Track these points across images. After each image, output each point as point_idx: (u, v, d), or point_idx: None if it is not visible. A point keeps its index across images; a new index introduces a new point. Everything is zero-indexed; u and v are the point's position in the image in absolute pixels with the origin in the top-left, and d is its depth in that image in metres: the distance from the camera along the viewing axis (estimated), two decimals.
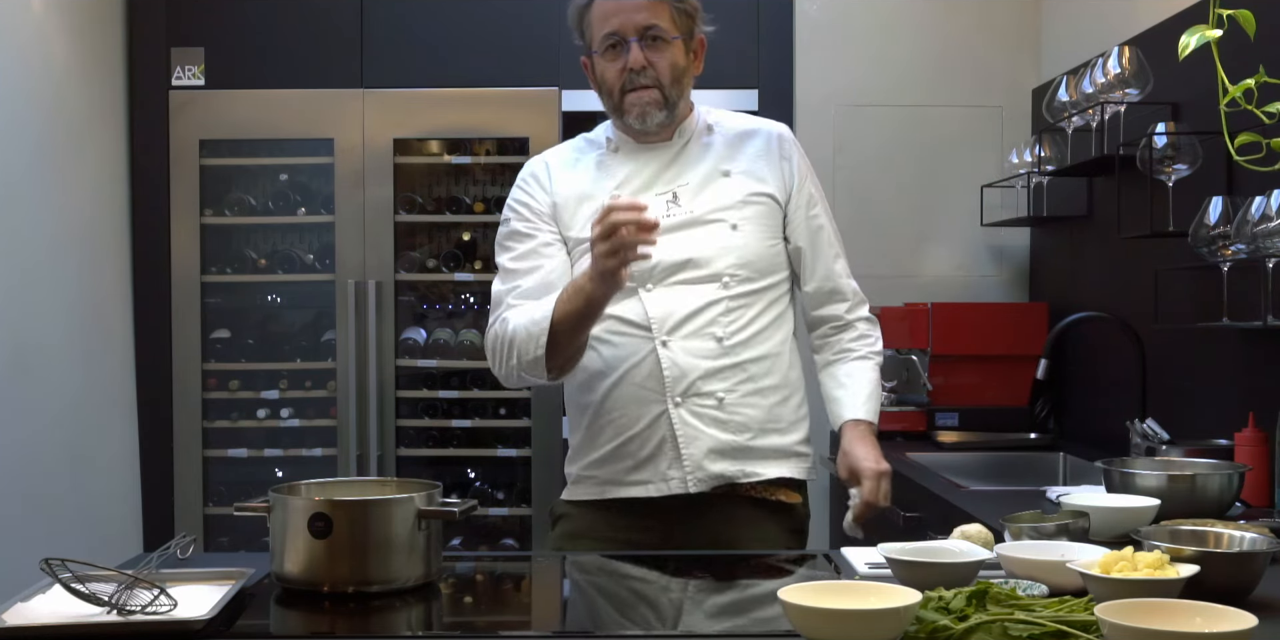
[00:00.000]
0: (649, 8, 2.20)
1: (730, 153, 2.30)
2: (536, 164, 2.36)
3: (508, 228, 2.32)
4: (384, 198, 4.31)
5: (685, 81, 2.26)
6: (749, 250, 2.25)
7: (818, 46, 4.33)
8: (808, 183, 2.34)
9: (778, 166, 2.30)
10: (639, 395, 2.20)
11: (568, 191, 2.29)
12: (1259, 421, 2.53)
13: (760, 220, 2.27)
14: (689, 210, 2.24)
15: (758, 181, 2.28)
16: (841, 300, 2.37)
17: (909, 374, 4.16)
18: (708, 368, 2.20)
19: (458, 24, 4.34)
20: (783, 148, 2.32)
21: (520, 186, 2.35)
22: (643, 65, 2.19)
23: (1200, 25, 1.93)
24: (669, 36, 2.21)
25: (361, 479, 2.09)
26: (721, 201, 2.25)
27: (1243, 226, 2.46)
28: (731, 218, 2.24)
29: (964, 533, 1.86)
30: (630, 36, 2.19)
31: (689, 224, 2.24)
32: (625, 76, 2.21)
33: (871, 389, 2.35)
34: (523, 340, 2.13)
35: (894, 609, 1.38)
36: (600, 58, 2.24)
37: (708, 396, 2.20)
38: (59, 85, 3.88)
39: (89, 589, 1.57)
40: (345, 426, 4.30)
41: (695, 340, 2.20)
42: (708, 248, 2.22)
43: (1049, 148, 3.71)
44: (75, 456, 3.89)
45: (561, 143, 2.45)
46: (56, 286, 3.82)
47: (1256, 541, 1.67)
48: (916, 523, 3.05)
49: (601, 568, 2.05)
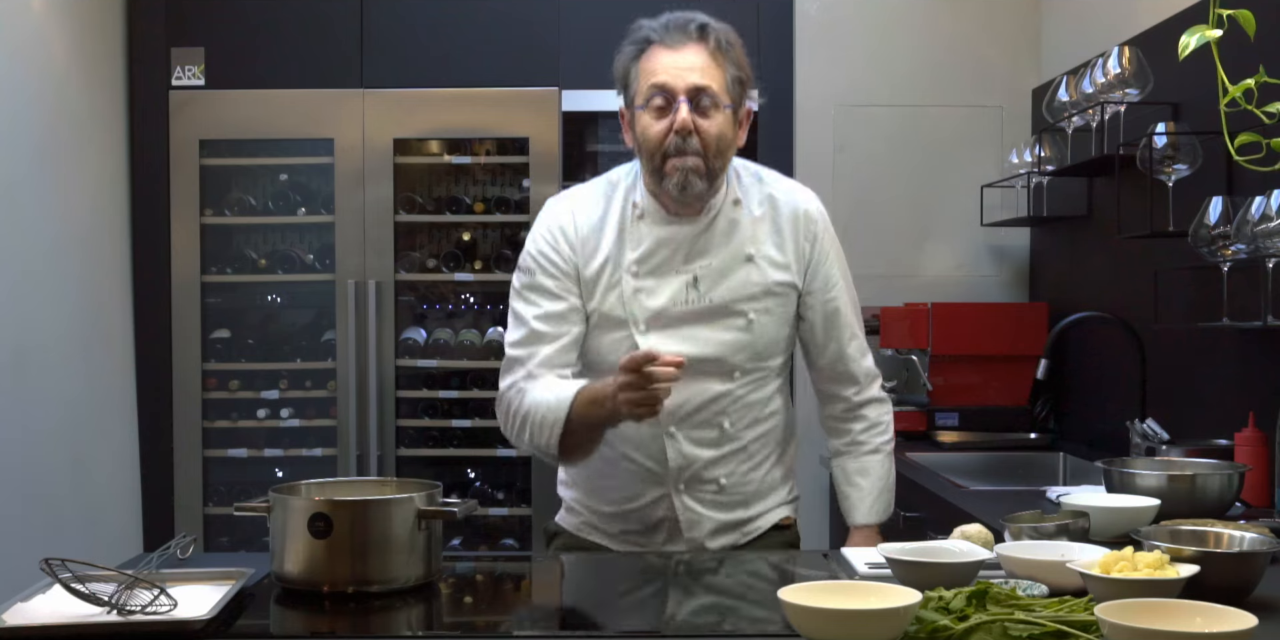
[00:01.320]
0: (705, 69, 2.08)
1: (755, 233, 2.18)
2: (564, 217, 2.21)
3: (532, 279, 2.19)
4: (384, 198, 4.31)
5: (729, 155, 2.14)
6: (762, 342, 2.18)
7: (818, 46, 4.33)
8: (828, 264, 2.23)
9: (801, 249, 2.21)
10: (642, 475, 2.18)
11: (590, 259, 2.17)
12: (1259, 421, 2.53)
13: (777, 310, 2.19)
14: (708, 298, 2.14)
15: (779, 269, 2.19)
16: (851, 383, 2.29)
17: (909, 374, 4.16)
18: (712, 456, 2.19)
19: (458, 24, 4.34)
20: (808, 228, 2.21)
21: (546, 240, 2.19)
22: (690, 129, 2.06)
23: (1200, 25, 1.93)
24: (721, 104, 2.09)
25: (361, 479, 2.09)
26: (741, 292, 2.16)
27: (1243, 226, 2.46)
28: (750, 309, 2.16)
29: (964, 533, 1.86)
30: (681, 96, 2.07)
31: (706, 315, 2.15)
32: (670, 139, 2.07)
33: (882, 485, 2.30)
34: (536, 423, 2.07)
35: (894, 609, 1.38)
36: (643, 112, 2.10)
37: (710, 482, 2.20)
38: (59, 85, 3.88)
39: (89, 589, 1.57)
40: (345, 426, 4.30)
41: (702, 430, 2.18)
42: (722, 343, 2.16)
43: (1049, 148, 3.71)
44: (75, 456, 3.89)
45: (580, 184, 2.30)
46: (56, 286, 3.82)
47: (1256, 541, 1.67)
48: (916, 523, 3.05)
49: (601, 568, 2.05)
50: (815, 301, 2.22)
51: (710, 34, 2.10)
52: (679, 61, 2.08)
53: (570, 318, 2.16)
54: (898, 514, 3.09)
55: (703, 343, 2.14)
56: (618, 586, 1.95)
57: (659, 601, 1.87)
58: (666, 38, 2.10)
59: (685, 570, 2.02)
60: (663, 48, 2.10)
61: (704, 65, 2.08)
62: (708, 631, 1.65)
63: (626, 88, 2.15)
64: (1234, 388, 2.85)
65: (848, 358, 2.27)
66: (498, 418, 2.18)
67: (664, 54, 2.09)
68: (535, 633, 1.72)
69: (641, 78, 2.11)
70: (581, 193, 2.25)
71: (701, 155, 2.08)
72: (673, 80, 2.07)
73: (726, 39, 2.12)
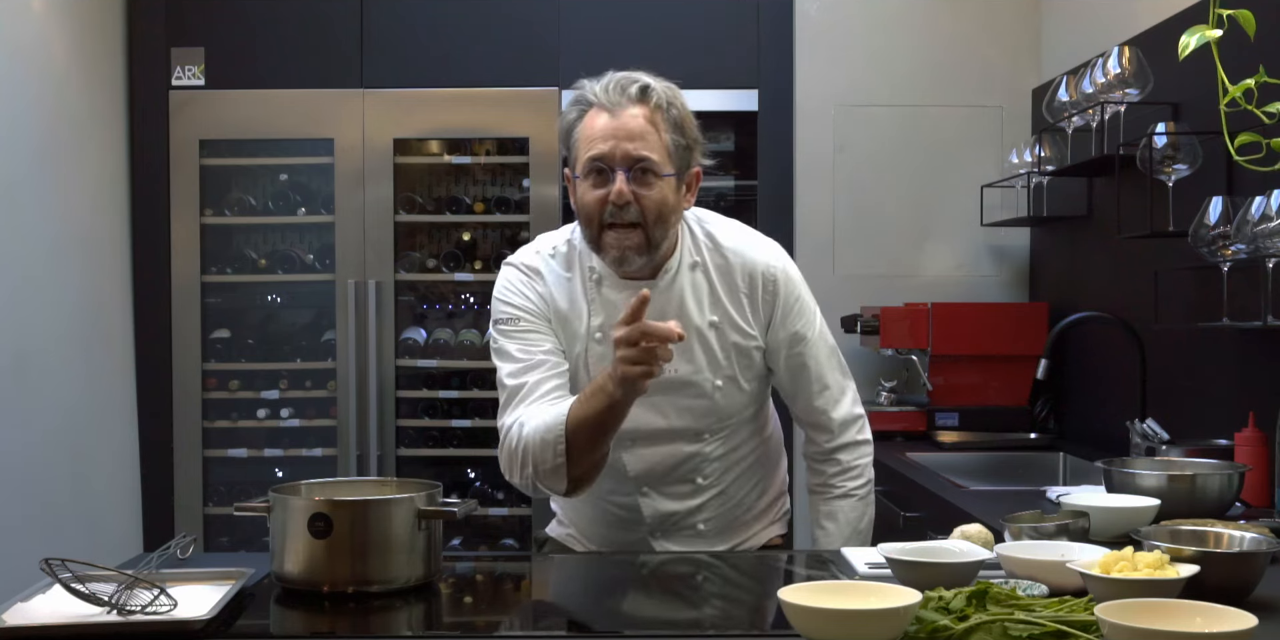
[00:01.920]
0: (644, 137, 1.99)
1: (715, 298, 2.11)
2: (529, 271, 2.14)
3: (515, 326, 2.11)
4: (384, 198, 4.31)
5: (672, 220, 2.05)
6: (730, 407, 2.14)
7: (818, 46, 4.32)
8: (791, 320, 2.15)
9: (762, 310, 2.13)
10: (620, 521, 2.18)
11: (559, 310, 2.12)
12: (1259, 421, 2.53)
13: (744, 372, 2.14)
14: (673, 369, 2.05)
15: (742, 335, 2.12)
16: (824, 431, 2.23)
17: (909, 374, 4.16)
18: (690, 506, 2.17)
19: (458, 24, 4.34)
20: (766, 287, 2.13)
21: (518, 293, 2.12)
22: (627, 200, 1.98)
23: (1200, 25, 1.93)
24: (661, 172, 2.00)
25: (361, 479, 2.09)
26: (704, 360, 2.10)
27: (1243, 226, 2.46)
28: (715, 377, 2.11)
29: (964, 533, 1.86)
30: (618, 166, 1.98)
31: (669, 387, 2.07)
32: (607, 208, 1.99)
33: (850, 531, 2.22)
34: (538, 448, 1.97)
35: (894, 609, 1.38)
36: (582, 181, 2.03)
37: (689, 528, 2.20)
38: (59, 85, 3.88)
39: (89, 589, 1.57)
40: (345, 426, 4.30)
41: (676, 486, 2.16)
42: (687, 412, 2.11)
43: (1049, 148, 3.71)
44: (75, 456, 3.89)
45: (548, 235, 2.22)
46: (57, 287, 3.82)
47: (1256, 541, 1.67)
48: (916, 523, 3.05)
49: (601, 568, 2.05)
50: (780, 358, 2.16)
51: (650, 96, 2.02)
52: (617, 129, 1.99)
53: (558, 354, 2.10)
54: (898, 514, 3.10)
55: (668, 413, 2.10)
56: (617, 586, 1.95)
57: (659, 601, 1.87)
58: (606, 100, 2.01)
59: (685, 570, 2.02)
60: (602, 112, 2.02)
61: (643, 130, 1.99)
62: (709, 631, 1.65)
63: (569, 151, 2.08)
64: (1234, 388, 2.85)
65: (816, 410, 2.20)
66: (500, 459, 2.06)
67: (602, 119, 2.01)
68: (535, 633, 1.72)
69: (580, 145, 2.03)
70: (544, 254, 2.16)
71: (640, 225, 2.00)
72: (609, 151, 1.99)
73: (668, 99, 2.03)
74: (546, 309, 2.12)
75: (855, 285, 4.29)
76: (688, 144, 2.04)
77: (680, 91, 2.07)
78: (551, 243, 2.18)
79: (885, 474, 3.43)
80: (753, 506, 2.26)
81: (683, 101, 2.06)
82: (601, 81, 2.05)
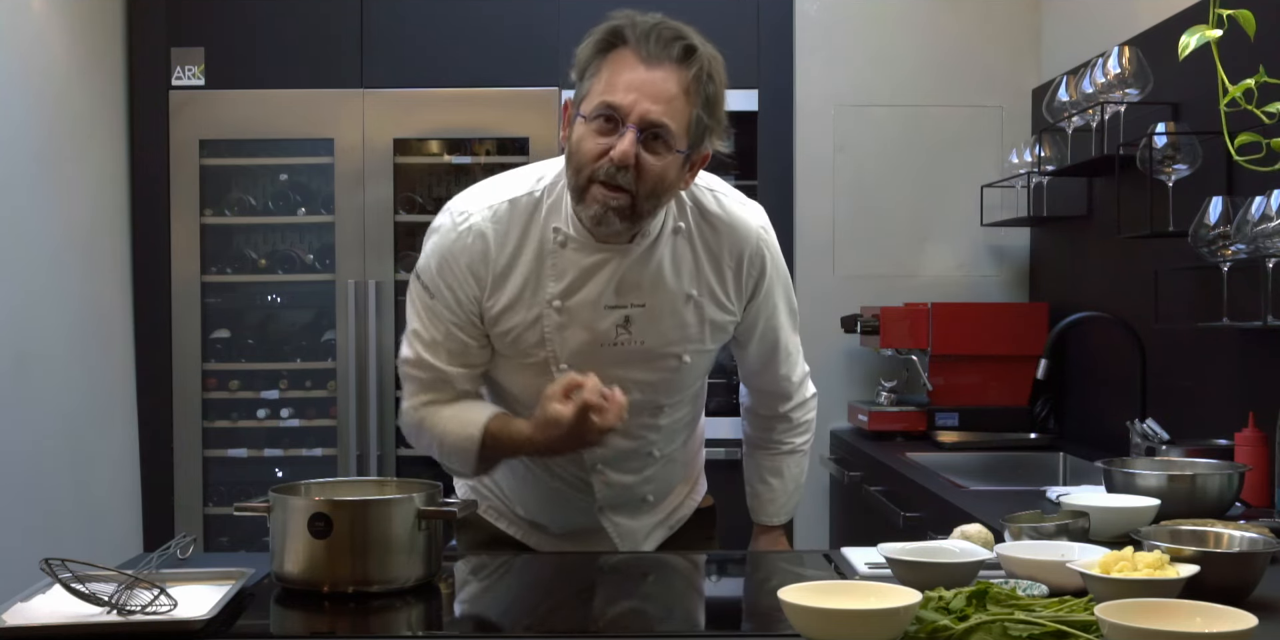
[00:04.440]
0: (670, 103, 1.78)
1: (697, 269, 1.96)
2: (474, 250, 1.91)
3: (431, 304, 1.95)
4: (384, 198, 4.31)
5: (664, 198, 1.86)
6: (692, 377, 2.04)
7: (818, 46, 4.32)
8: (772, 293, 2.04)
9: (744, 282, 2.00)
10: (567, 500, 2.10)
11: (501, 290, 1.93)
12: (1259, 421, 2.53)
13: (712, 346, 2.03)
14: (639, 340, 1.94)
15: (721, 309, 1.99)
16: (784, 399, 2.17)
17: (909, 374, 4.16)
18: (641, 478, 2.11)
19: (458, 24, 4.34)
20: (754, 265, 1.99)
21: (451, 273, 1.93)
22: (628, 164, 1.78)
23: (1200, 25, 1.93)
24: (673, 145, 1.80)
25: (361, 479, 2.09)
26: (677, 334, 1.96)
27: (1243, 226, 2.46)
28: (685, 351, 1.98)
29: (964, 533, 1.86)
30: (630, 123, 1.78)
31: (635, 356, 1.95)
32: (603, 163, 1.79)
33: (794, 486, 2.23)
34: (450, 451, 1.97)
35: (894, 609, 1.38)
36: (584, 122, 1.82)
37: (639, 501, 2.15)
38: (59, 85, 3.88)
39: (89, 589, 1.57)
40: (345, 426, 4.30)
41: (630, 461, 2.07)
42: (650, 386, 1.98)
43: (1049, 148, 3.71)
44: (75, 456, 3.89)
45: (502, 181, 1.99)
46: (57, 287, 3.82)
47: (1256, 541, 1.67)
48: (916, 523, 3.04)
49: (599, 567, 2.05)
50: (755, 332, 2.06)
51: (694, 62, 1.80)
52: (645, 83, 1.78)
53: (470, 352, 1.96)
54: (898, 514, 3.09)
55: (630, 385, 1.91)
56: (617, 586, 1.95)
57: (659, 601, 1.87)
58: (643, 47, 1.79)
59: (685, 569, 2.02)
60: (635, 57, 1.80)
61: (671, 96, 1.78)
62: (708, 631, 1.65)
63: (580, 80, 1.85)
64: (1234, 388, 2.85)
65: (780, 377, 2.14)
66: (404, 432, 2.04)
67: (632, 65, 1.79)
68: (535, 633, 1.72)
69: (596, 83, 1.81)
70: (498, 211, 1.93)
71: (631, 193, 1.80)
72: (628, 104, 1.77)
73: (709, 72, 1.81)
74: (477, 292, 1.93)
75: (855, 285, 4.29)
76: (710, 125, 1.84)
77: (722, 63, 1.85)
78: (510, 193, 1.95)
79: (885, 474, 3.43)
80: (689, 467, 2.24)
81: (723, 77, 1.84)
82: (646, 21, 1.81)
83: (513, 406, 2.03)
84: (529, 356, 1.96)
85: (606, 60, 1.82)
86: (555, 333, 1.93)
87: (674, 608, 1.83)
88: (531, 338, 1.94)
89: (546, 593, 1.96)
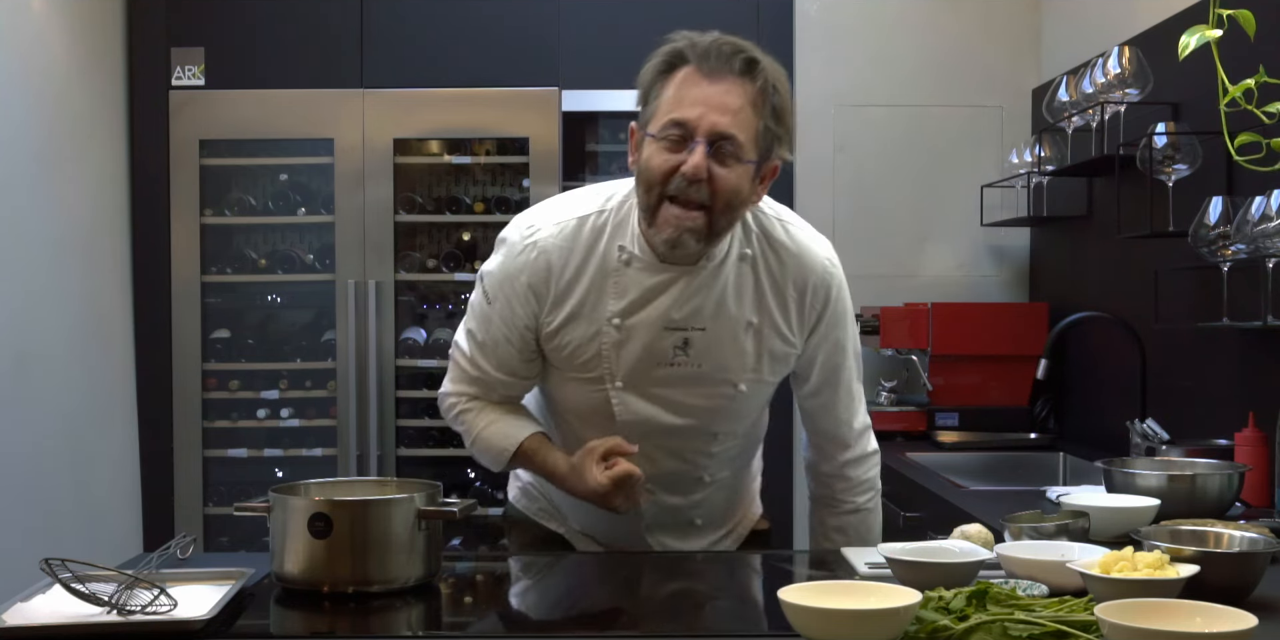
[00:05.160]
0: (738, 114, 1.79)
1: (760, 298, 1.95)
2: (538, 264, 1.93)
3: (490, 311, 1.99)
4: (384, 198, 4.31)
5: (738, 212, 1.86)
6: (751, 407, 2.03)
7: (818, 46, 4.33)
8: (837, 328, 2.02)
9: (808, 316, 1.99)
10: (617, 517, 2.03)
11: (562, 306, 1.95)
12: (1259, 421, 2.53)
13: (771, 377, 2.01)
14: (697, 363, 1.94)
15: (782, 340, 1.97)
16: (841, 447, 2.12)
17: (909, 374, 4.16)
18: (691, 501, 2.10)
19: (458, 24, 4.34)
20: (819, 291, 1.98)
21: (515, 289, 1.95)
22: (701, 177, 1.78)
23: (1200, 25, 1.93)
24: (744, 156, 1.81)
25: (361, 479, 2.09)
26: (735, 361, 1.95)
27: (1243, 226, 2.46)
28: (742, 380, 1.97)
29: (964, 533, 1.86)
30: (699, 136, 1.78)
31: (691, 380, 1.95)
32: (675, 180, 1.80)
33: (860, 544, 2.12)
34: (481, 450, 2.05)
35: (894, 609, 1.38)
36: (652, 141, 1.82)
37: (687, 524, 2.14)
38: (59, 85, 3.88)
39: (89, 589, 1.57)
40: (345, 426, 4.30)
41: (682, 484, 2.07)
42: (706, 412, 1.98)
43: (1049, 148, 3.71)
44: (75, 456, 3.89)
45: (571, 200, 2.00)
46: (57, 287, 3.82)
47: (1256, 541, 1.67)
48: (916, 523, 3.04)
49: (600, 567, 2.05)
50: (815, 367, 2.03)
51: (758, 74, 1.81)
52: (710, 97, 1.79)
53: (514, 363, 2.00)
54: (898, 514, 3.09)
55: (683, 409, 1.96)
56: (617, 586, 1.95)
57: (658, 601, 1.87)
58: (704, 64, 1.81)
59: (685, 569, 2.02)
60: (697, 74, 1.81)
61: (738, 107, 1.79)
62: (708, 631, 1.65)
63: (645, 104, 1.86)
64: (1234, 388, 2.85)
65: (840, 421, 2.10)
66: (439, 406, 2.13)
67: (696, 82, 1.80)
68: (535, 633, 1.72)
69: (662, 103, 1.82)
70: (566, 231, 1.95)
71: (707, 209, 1.81)
72: (695, 118, 1.78)
73: (774, 82, 1.82)
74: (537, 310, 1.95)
75: (855, 285, 4.16)
76: (779, 134, 1.84)
77: (785, 75, 1.87)
78: (580, 210, 1.96)
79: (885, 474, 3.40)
80: (743, 493, 2.23)
81: (787, 88, 1.86)
82: (704, 39, 1.83)
83: (564, 417, 2.07)
84: (585, 371, 1.97)
85: (670, 80, 1.83)
86: (612, 350, 1.94)
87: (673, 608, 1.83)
88: (588, 353, 1.96)
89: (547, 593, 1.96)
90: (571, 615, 1.83)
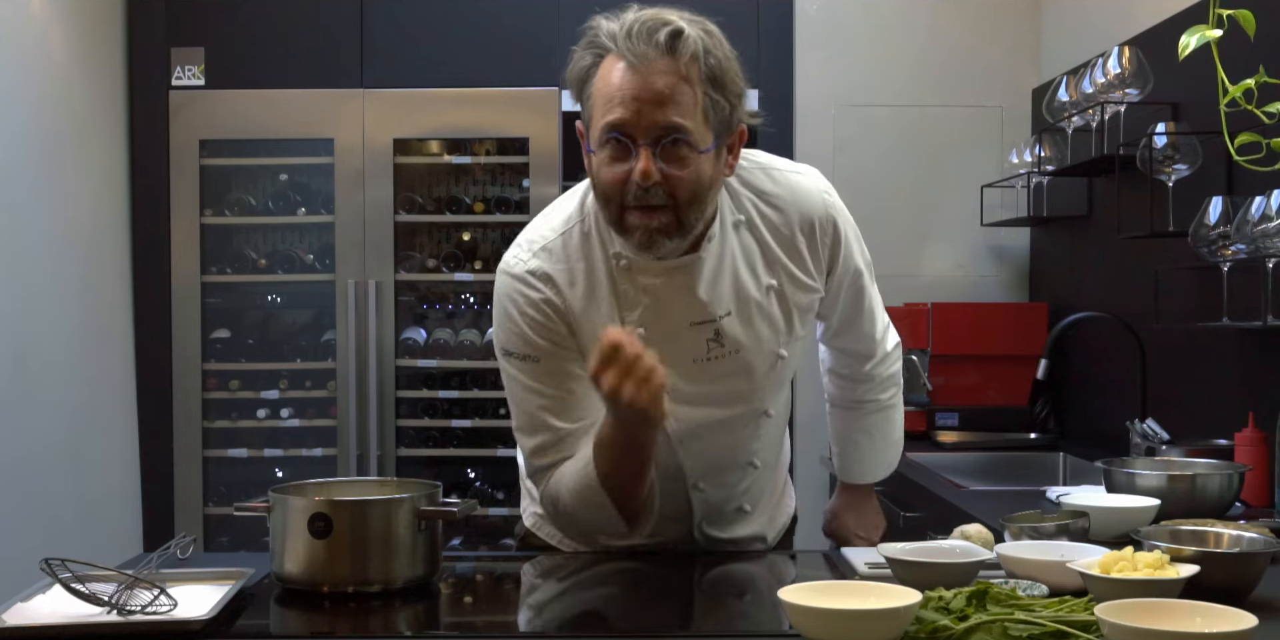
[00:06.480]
0: (675, 100, 1.62)
1: (770, 257, 1.84)
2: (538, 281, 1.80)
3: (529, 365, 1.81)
4: (384, 198, 4.31)
5: (710, 197, 1.71)
6: (788, 371, 1.92)
7: (818, 46, 4.33)
8: (850, 257, 1.93)
9: (824, 256, 1.89)
10: (664, 519, 1.92)
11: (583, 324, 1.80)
12: (1259, 421, 2.53)
13: (803, 326, 1.91)
14: (734, 350, 1.83)
15: (805, 290, 1.87)
16: (865, 357, 2.06)
17: (909, 374, 4.15)
18: (740, 489, 2.00)
19: (457, 24, 4.34)
20: (826, 232, 1.88)
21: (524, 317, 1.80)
22: (654, 181, 1.64)
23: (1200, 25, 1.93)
24: (698, 145, 1.65)
25: (361, 479, 2.09)
26: (769, 330, 1.84)
27: (1243, 226, 2.46)
28: (781, 345, 1.87)
29: (964, 533, 1.86)
30: (642, 138, 1.64)
31: (737, 367, 1.85)
32: (630, 188, 1.66)
33: (884, 442, 2.13)
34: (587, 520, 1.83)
35: (894, 609, 1.38)
36: (597, 151, 1.68)
37: (736, 512, 2.03)
38: (59, 85, 3.88)
39: (89, 589, 1.57)
40: (345, 426, 4.30)
41: (731, 474, 1.96)
42: (755, 393, 1.89)
43: (1049, 148, 3.71)
44: (75, 456, 3.89)
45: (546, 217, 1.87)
46: (57, 287, 3.82)
47: (1256, 541, 1.67)
48: (916, 523, 3.04)
49: (600, 567, 2.05)
50: (839, 299, 1.95)
51: (685, 47, 1.63)
52: (641, 89, 1.62)
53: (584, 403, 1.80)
54: (898, 514, 3.09)
55: (731, 398, 1.86)
56: (617, 586, 1.95)
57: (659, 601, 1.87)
58: (628, 48, 1.64)
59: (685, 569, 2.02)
60: (622, 64, 1.65)
61: (674, 91, 1.62)
62: (709, 631, 1.65)
63: (582, 106, 1.72)
64: (1234, 388, 2.85)
65: (865, 336, 2.04)
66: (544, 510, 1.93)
67: (622, 74, 1.64)
68: (535, 633, 1.72)
69: (596, 106, 1.67)
70: (551, 249, 1.82)
71: (671, 207, 1.67)
72: (631, 119, 1.63)
73: (705, 47, 1.65)
74: (565, 331, 1.81)
75: None
76: (729, 102, 1.67)
77: (718, 31, 1.69)
78: (553, 229, 1.84)
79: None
80: (781, 472, 2.14)
81: (724, 48, 1.68)
82: (622, 21, 1.67)
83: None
84: None
85: (596, 75, 1.69)
86: None
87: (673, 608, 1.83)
88: None
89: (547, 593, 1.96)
90: (570, 615, 1.83)
